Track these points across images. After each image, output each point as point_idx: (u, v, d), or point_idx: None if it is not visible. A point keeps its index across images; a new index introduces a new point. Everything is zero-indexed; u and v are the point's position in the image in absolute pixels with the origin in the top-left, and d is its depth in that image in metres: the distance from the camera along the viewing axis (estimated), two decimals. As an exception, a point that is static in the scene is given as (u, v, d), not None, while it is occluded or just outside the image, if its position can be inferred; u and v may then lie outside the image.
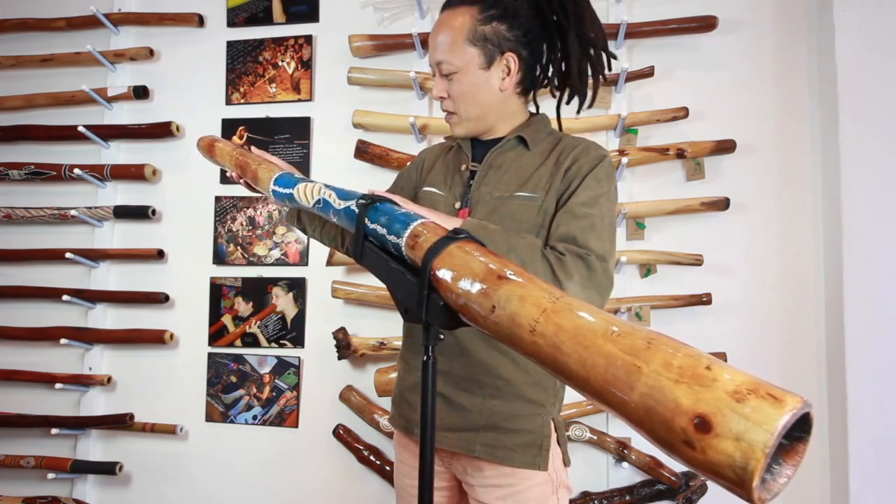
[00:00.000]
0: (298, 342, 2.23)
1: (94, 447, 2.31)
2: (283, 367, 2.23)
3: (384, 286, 0.83)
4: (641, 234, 2.07)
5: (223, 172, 2.29)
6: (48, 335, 2.26)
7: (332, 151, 2.27)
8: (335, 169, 2.26)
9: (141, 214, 2.31)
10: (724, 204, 2.00)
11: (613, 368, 0.51)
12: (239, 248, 2.30)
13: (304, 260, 2.26)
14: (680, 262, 2.01)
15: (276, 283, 2.26)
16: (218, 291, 2.30)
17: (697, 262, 1.99)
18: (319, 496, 2.18)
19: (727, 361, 1.54)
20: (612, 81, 2.06)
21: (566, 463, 1.14)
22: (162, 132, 2.33)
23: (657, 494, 1.96)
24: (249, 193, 2.13)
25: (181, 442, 2.28)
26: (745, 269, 2.04)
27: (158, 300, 2.27)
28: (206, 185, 2.34)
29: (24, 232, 2.42)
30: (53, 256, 2.29)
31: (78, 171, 2.28)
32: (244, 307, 2.27)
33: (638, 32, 2.07)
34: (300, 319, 2.24)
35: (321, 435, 2.18)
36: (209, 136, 1.44)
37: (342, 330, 2.10)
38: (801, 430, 0.46)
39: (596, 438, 1.97)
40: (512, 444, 1.07)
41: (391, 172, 2.16)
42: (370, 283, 2.09)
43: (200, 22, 2.37)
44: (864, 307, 1.84)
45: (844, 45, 1.92)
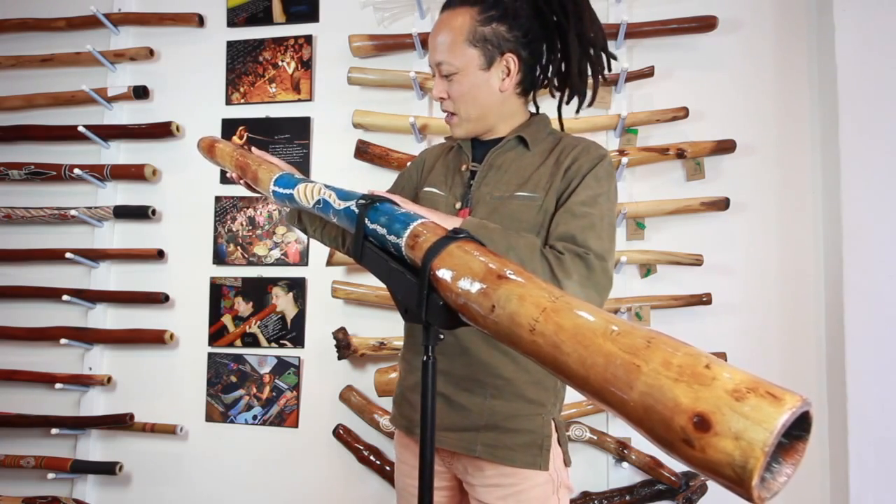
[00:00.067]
0: (298, 342, 2.23)
1: (94, 447, 2.31)
2: (283, 367, 2.23)
3: (384, 286, 0.83)
4: (641, 234, 2.07)
5: (223, 172, 2.29)
6: (48, 335, 2.27)
7: (332, 151, 2.27)
8: (335, 169, 2.26)
9: (141, 214, 2.31)
10: (724, 204, 2.00)
11: (613, 367, 0.51)
12: (239, 248, 2.30)
13: (304, 260, 2.26)
14: (680, 262, 2.01)
15: (276, 283, 2.26)
16: (218, 291, 2.30)
17: (697, 262, 1.99)
18: (319, 496, 2.18)
19: (727, 361, 1.54)
20: (612, 81, 2.06)
21: (567, 463, 1.14)
22: (162, 132, 2.33)
23: (657, 494, 1.96)
24: (249, 193, 2.13)
25: (181, 442, 2.28)
26: (745, 269, 2.04)
27: (158, 300, 2.28)
28: (206, 185, 2.34)
29: (24, 232, 2.42)
30: (53, 256, 2.29)
31: (78, 171, 2.28)
32: (244, 307, 2.27)
33: (638, 32, 2.07)
34: (300, 319, 2.24)
35: (321, 435, 2.18)
36: (209, 136, 1.44)
37: (342, 330, 2.10)
38: (800, 428, 0.46)
39: (596, 438, 1.97)
40: (513, 443, 1.07)
41: (391, 172, 2.16)
42: (370, 283, 2.09)
43: (200, 22, 2.38)
44: (864, 307, 1.84)
45: (844, 45, 1.92)
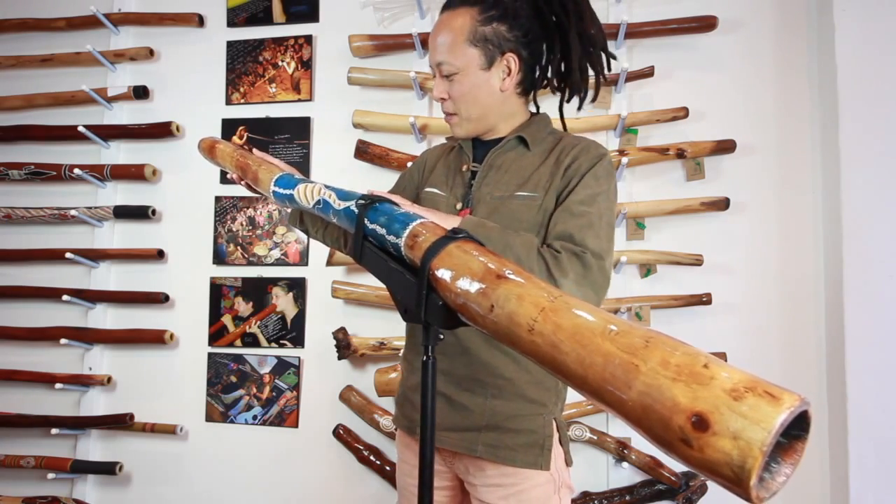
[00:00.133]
0: (298, 342, 2.23)
1: (94, 447, 2.31)
2: (283, 367, 2.23)
3: (384, 286, 0.83)
4: (641, 234, 2.07)
5: (223, 172, 2.29)
6: (48, 335, 2.27)
7: (332, 151, 2.27)
8: (335, 169, 2.26)
9: (141, 214, 2.31)
10: (724, 204, 2.00)
11: (611, 367, 0.51)
12: (239, 248, 2.30)
13: (304, 260, 2.26)
14: (680, 262, 2.01)
15: (276, 283, 2.26)
16: (218, 291, 2.30)
17: (697, 262, 1.99)
18: (319, 496, 2.18)
19: (727, 361, 1.54)
20: (612, 81, 2.06)
21: (568, 463, 1.14)
22: (162, 132, 2.33)
23: (657, 494, 1.96)
24: (249, 193, 2.13)
25: (181, 442, 2.28)
26: (745, 269, 2.04)
27: (158, 300, 2.28)
28: (206, 185, 2.34)
29: (24, 232, 2.42)
30: (53, 256, 2.29)
31: (78, 171, 2.28)
32: (244, 307, 2.27)
33: (638, 32, 2.07)
34: (300, 319, 2.24)
35: (321, 435, 2.18)
36: (210, 137, 1.45)
37: (342, 330, 2.10)
38: (799, 428, 0.46)
39: (596, 438, 1.97)
40: (514, 443, 1.07)
41: (391, 172, 2.16)
42: (370, 283, 2.09)
43: (200, 22, 2.38)
44: (864, 307, 1.84)
45: (844, 45, 1.92)
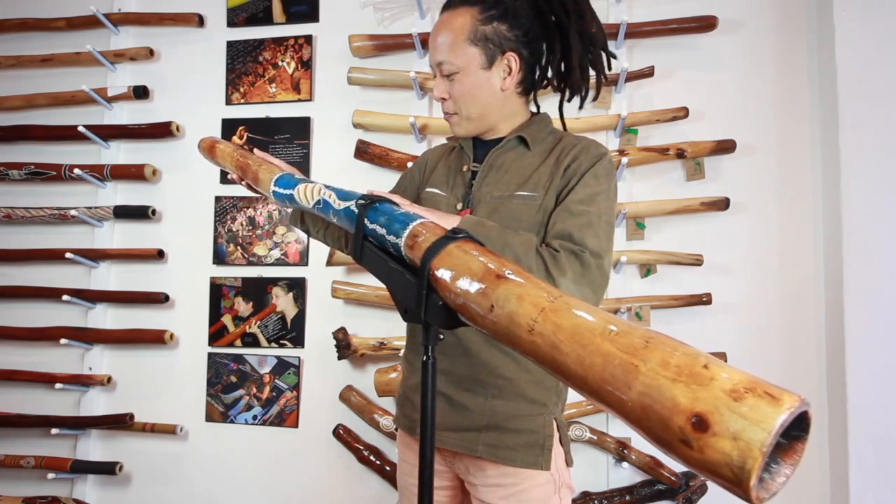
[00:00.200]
0: (298, 342, 2.23)
1: (94, 447, 2.31)
2: (283, 367, 2.23)
3: (384, 286, 0.83)
4: (641, 234, 2.07)
5: (223, 172, 2.30)
6: (48, 335, 2.27)
7: (332, 151, 2.27)
8: (335, 169, 2.26)
9: (141, 214, 2.31)
10: (724, 204, 2.00)
11: (611, 367, 0.51)
12: (239, 248, 2.30)
13: (304, 260, 2.26)
14: (680, 262, 2.01)
15: (276, 283, 2.26)
16: (218, 291, 2.30)
17: (697, 262, 1.99)
18: (319, 496, 2.18)
19: (727, 361, 1.54)
20: (612, 81, 2.05)
21: (569, 463, 1.14)
22: (162, 132, 2.33)
23: (657, 494, 1.96)
24: (249, 193, 2.14)
25: (181, 442, 2.28)
26: (745, 269, 2.04)
27: (158, 300, 2.28)
28: (206, 185, 2.34)
29: (24, 232, 2.42)
30: (53, 256, 2.29)
31: (78, 171, 2.28)
32: (244, 307, 2.27)
33: (638, 32, 2.07)
34: (300, 319, 2.24)
35: (321, 435, 2.18)
36: (210, 137, 1.44)
37: (342, 330, 2.10)
38: (799, 428, 0.46)
39: (596, 438, 1.97)
40: (514, 443, 1.07)
41: (391, 172, 2.16)
42: (370, 283, 2.09)
43: (200, 22, 2.38)
44: (864, 307, 1.84)
45: (844, 45, 1.92)
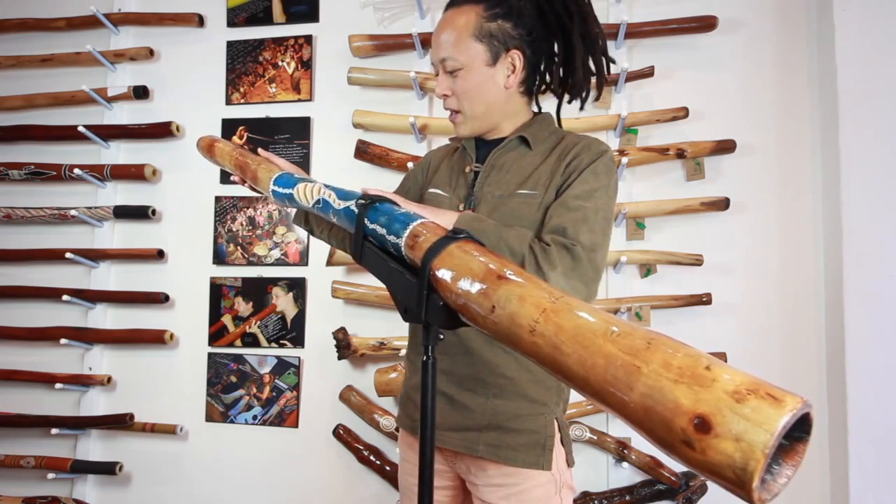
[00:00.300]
0: (298, 342, 2.23)
1: (94, 447, 2.31)
2: (283, 367, 2.23)
3: (384, 286, 0.83)
4: (641, 234, 2.07)
5: (223, 172, 2.30)
6: (48, 335, 2.26)
7: (332, 151, 2.27)
8: (335, 169, 2.26)
9: (141, 214, 2.31)
10: (724, 204, 2.00)
11: (613, 368, 0.51)
12: (239, 248, 2.30)
13: (304, 260, 2.26)
14: (680, 262, 2.01)
15: (276, 283, 2.26)
16: (218, 291, 2.30)
17: (697, 262, 1.99)
18: (319, 496, 2.18)
19: (727, 361, 1.54)
20: (612, 81, 2.05)
21: (570, 463, 1.14)
22: (162, 132, 2.33)
23: (657, 494, 1.96)
24: (249, 193, 2.14)
25: (181, 442, 2.28)
26: (745, 269, 2.04)
27: (158, 300, 2.27)
28: (206, 185, 2.34)
29: (24, 232, 2.42)
30: (53, 256, 2.28)
31: (78, 171, 2.28)
32: (244, 307, 2.27)
33: (638, 32, 2.07)
34: (300, 319, 2.24)
35: (321, 435, 2.18)
36: (209, 136, 1.44)
37: (342, 330, 2.10)
38: (800, 430, 0.46)
39: (596, 438, 1.97)
40: (515, 443, 1.07)
41: (391, 172, 2.16)
42: (370, 283, 2.09)
43: (200, 22, 2.37)
44: (864, 307, 1.84)
45: (844, 45, 1.92)
